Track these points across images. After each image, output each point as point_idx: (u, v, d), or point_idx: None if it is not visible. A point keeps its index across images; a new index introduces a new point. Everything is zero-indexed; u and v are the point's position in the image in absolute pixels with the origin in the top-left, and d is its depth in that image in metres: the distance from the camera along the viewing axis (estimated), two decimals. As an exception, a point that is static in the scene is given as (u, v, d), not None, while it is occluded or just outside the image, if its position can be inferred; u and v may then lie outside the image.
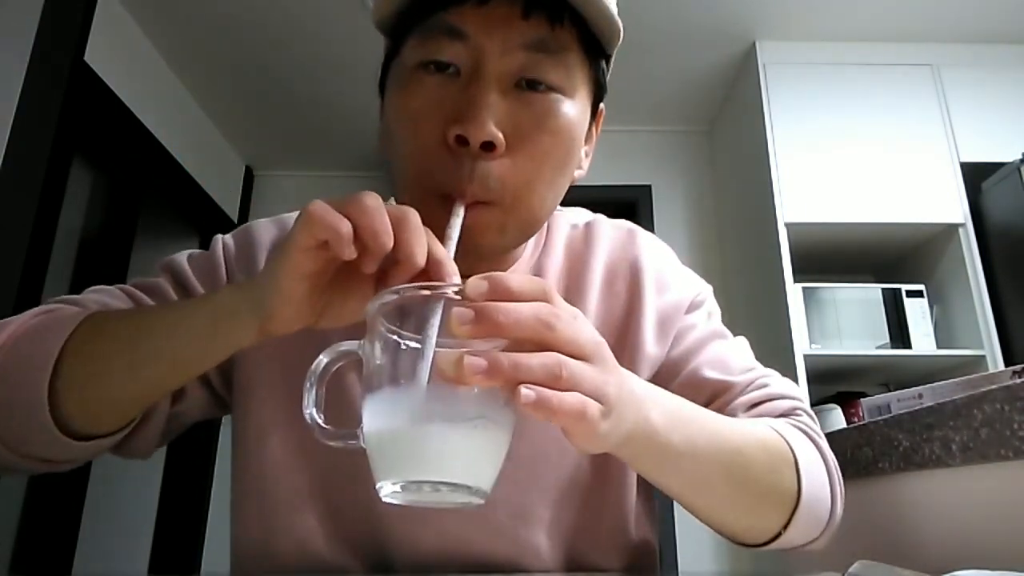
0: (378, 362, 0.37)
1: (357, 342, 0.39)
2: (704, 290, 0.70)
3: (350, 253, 0.39)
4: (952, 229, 2.28)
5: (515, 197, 0.51)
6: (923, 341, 2.22)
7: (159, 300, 0.61)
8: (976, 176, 2.28)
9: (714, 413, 0.52)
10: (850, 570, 0.43)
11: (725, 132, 2.93)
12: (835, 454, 0.59)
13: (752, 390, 0.61)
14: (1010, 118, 2.37)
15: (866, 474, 0.77)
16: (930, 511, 0.68)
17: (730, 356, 0.65)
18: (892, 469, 0.72)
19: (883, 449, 0.74)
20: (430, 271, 0.40)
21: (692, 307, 0.67)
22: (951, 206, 2.29)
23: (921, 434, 0.67)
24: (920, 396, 0.90)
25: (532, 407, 0.32)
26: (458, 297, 0.36)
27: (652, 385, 0.46)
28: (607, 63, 0.57)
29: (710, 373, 0.62)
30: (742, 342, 0.69)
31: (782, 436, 0.54)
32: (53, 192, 1.88)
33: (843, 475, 0.59)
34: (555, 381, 0.33)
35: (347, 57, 2.58)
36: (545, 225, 0.65)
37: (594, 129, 0.61)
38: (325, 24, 2.43)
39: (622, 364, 0.41)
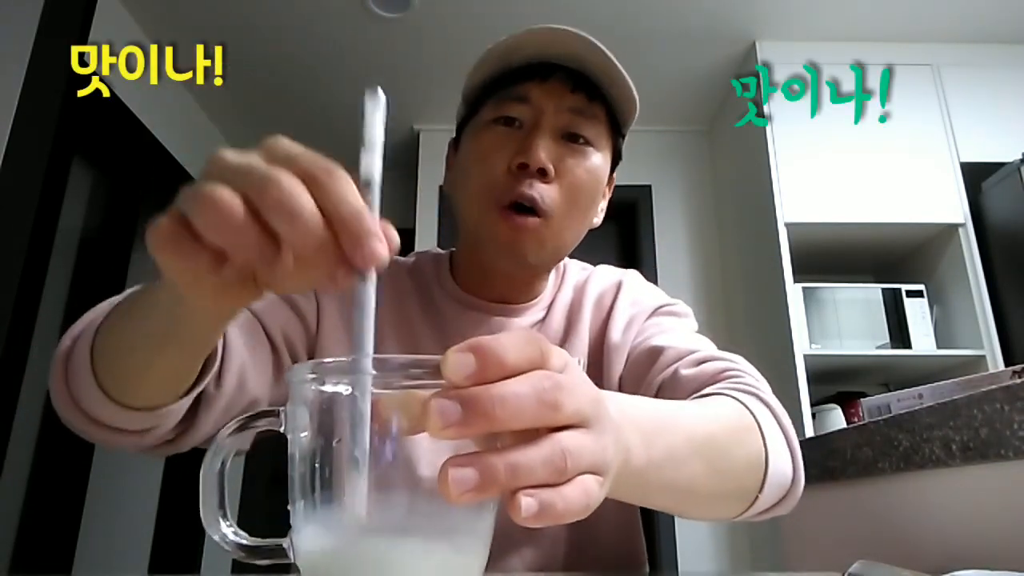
0: (304, 436, 0.28)
1: (280, 409, 0.30)
2: (679, 305, 0.79)
3: (226, 277, 0.31)
4: (952, 229, 2.28)
5: (559, 216, 0.66)
6: (923, 341, 2.22)
7: None
8: (976, 176, 2.28)
9: (679, 404, 0.52)
10: (850, 570, 0.43)
11: (725, 132, 2.93)
12: (835, 454, 0.59)
13: (694, 352, 0.65)
14: (1010, 118, 2.37)
15: (866, 474, 0.77)
16: (930, 511, 0.68)
17: (680, 332, 0.72)
18: (892, 469, 0.72)
19: (883, 449, 0.74)
20: (339, 235, 0.30)
21: (661, 312, 0.76)
22: (951, 206, 2.29)
23: (921, 434, 0.67)
24: (920, 396, 0.90)
25: (534, 520, 0.27)
26: (430, 379, 0.27)
27: (623, 397, 0.44)
28: (622, 139, 0.75)
29: (655, 341, 0.69)
30: (706, 339, 0.72)
31: (742, 404, 0.55)
32: (53, 192, 1.88)
33: (843, 475, 0.58)
34: (559, 476, 0.28)
35: (348, 58, 2.58)
36: (563, 268, 0.80)
37: (608, 189, 0.75)
38: (326, 25, 2.43)
39: (600, 360, 0.41)
